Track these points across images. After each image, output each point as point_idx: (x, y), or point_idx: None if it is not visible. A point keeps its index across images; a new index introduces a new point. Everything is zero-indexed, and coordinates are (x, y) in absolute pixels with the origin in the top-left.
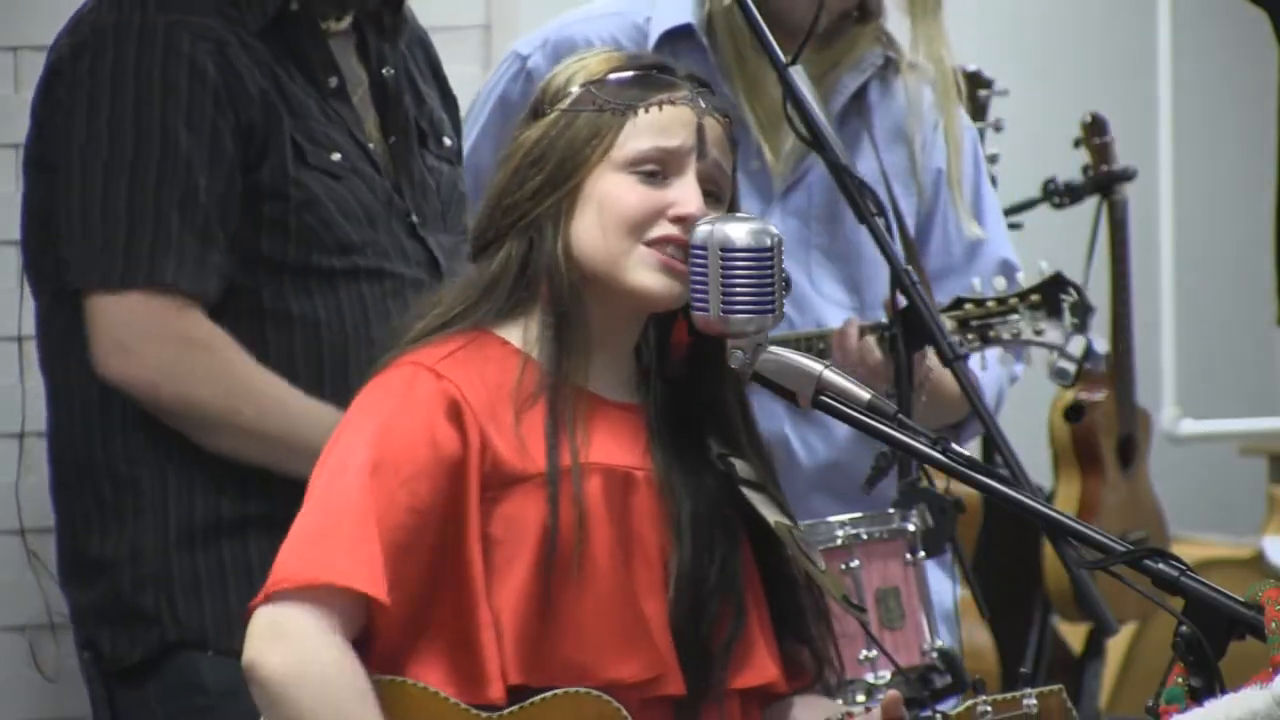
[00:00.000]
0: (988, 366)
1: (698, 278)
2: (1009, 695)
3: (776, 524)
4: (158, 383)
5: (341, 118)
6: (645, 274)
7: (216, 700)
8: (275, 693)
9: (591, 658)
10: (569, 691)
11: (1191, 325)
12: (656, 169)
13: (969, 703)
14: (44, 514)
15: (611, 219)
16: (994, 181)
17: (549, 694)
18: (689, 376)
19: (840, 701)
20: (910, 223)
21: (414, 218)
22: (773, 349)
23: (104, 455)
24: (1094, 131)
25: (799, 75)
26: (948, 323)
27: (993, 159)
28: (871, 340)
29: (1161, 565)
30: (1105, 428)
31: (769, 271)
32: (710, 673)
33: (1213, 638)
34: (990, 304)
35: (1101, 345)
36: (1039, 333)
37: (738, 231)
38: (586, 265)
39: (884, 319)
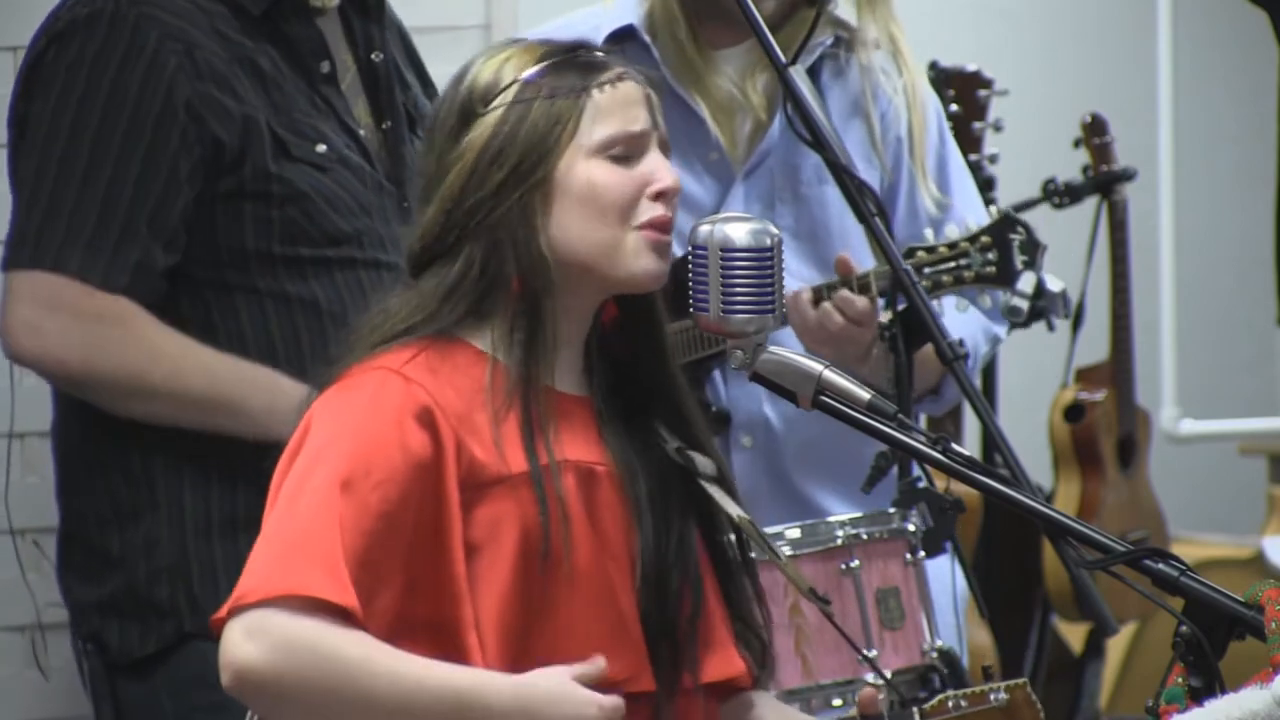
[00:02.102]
0: (967, 348)
1: (698, 278)
2: (978, 689)
3: (739, 518)
4: (63, 358)
5: (331, 106)
6: (642, 259)
7: (228, 695)
8: (277, 683)
9: (578, 657)
10: None
11: (1191, 325)
12: (625, 152)
13: (941, 696)
14: (41, 513)
15: (601, 207)
16: (994, 182)
17: None
18: (630, 361)
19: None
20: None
21: (407, 203)
22: (773, 349)
23: (116, 452)
24: (1094, 131)
25: (796, 74)
26: None
27: (993, 159)
28: (829, 305)
29: (1161, 565)
30: (1105, 428)
31: (769, 271)
32: (678, 661)
33: (1213, 638)
34: (941, 249)
35: (1056, 284)
36: (989, 274)
37: (738, 231)
38: (575, 257)
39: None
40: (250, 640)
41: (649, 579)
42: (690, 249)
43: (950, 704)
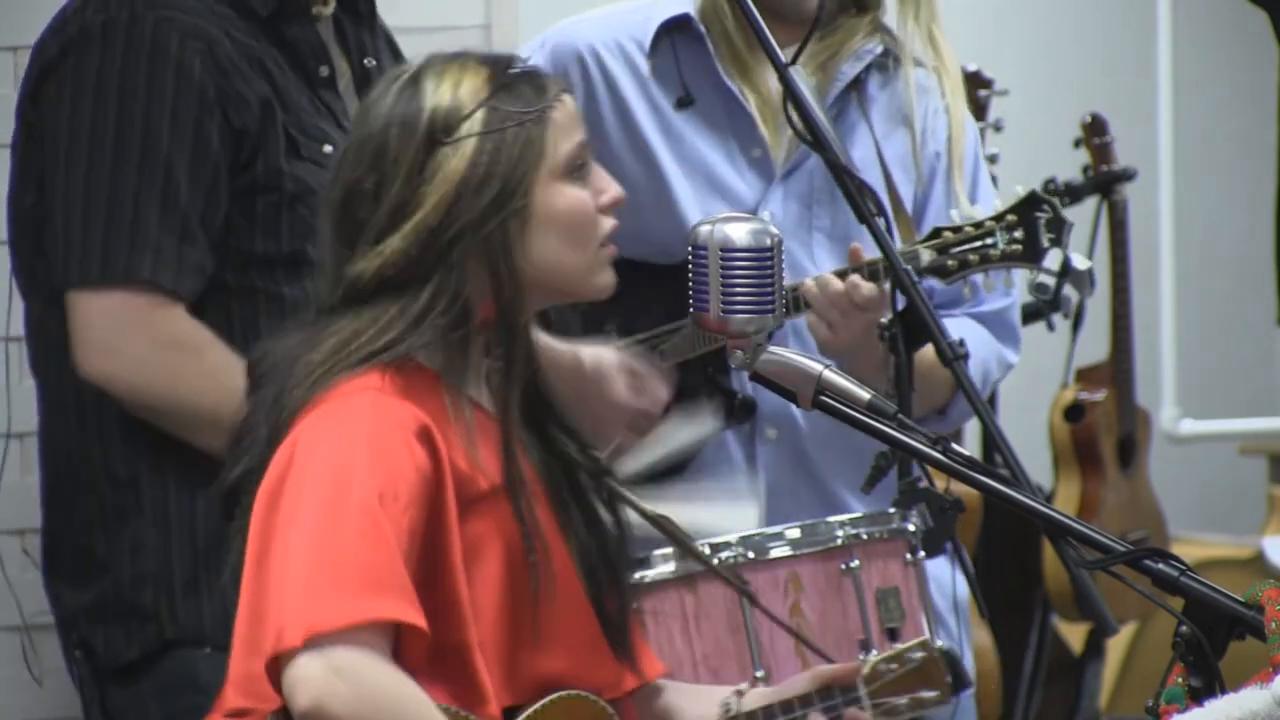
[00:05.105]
0: (970, 352)
1: (698, 277)
2: (898, 652)
3: (658, 516)
4: (142, 382)
5: (330, 109)
6: (604, 274)
7: (213, 697)
8: None
9: (566, 669)
10: (564, 695)
11: (1191, 325)
12: (580, 163)
13: (873, 660)
14: (38, 514)
15: (582, 232)
16: (994, 182)
17: (547, 700)
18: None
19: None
20: (908, 208)
21: None
22: (773, 349)
23: (102, 458)
24: (1094, 131)
25: (797, 74)
26: (925, 253)
27: (993, 159)
28: (856, 277)
29: (1161, 565)
30: (1105, 428)
31: (769, 271)
32: (628, 654)
33: (1213, 638)
34: (968, 229)
35: (1082, 262)
36: (1015, 251)
37: (738, 231)
38: (553, 280)
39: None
40: (342, 680)
41: (594, 573)
42: (690, 249)
43: (882, 668)
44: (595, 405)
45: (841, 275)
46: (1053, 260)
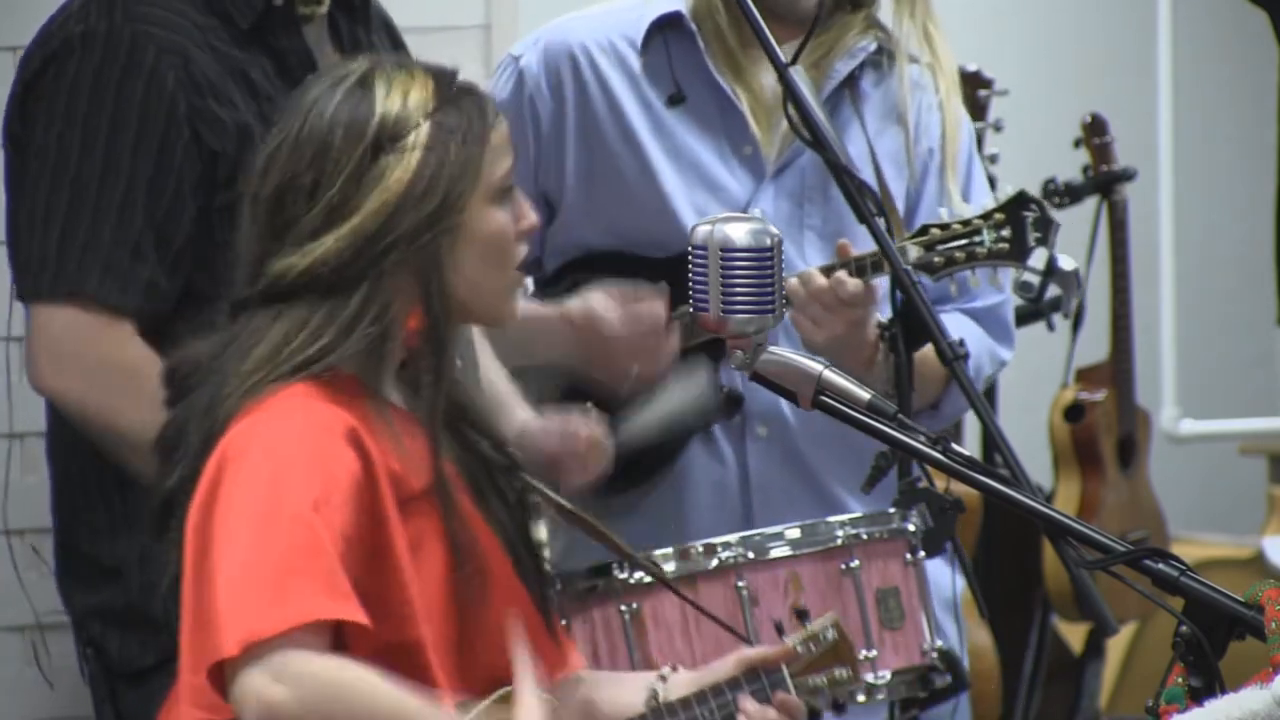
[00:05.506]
0: (968, 349)
1: (698, 278)
2: (812, 630)
3: (575, 510)
4: (82, 401)
5: None
6: (515, 302)
7: None
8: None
9: (510, 661)
10: (509, 690)
11: (1191, 325)
12: (509, 188)
13: (790, 642)
14: (42, 514)
15: (503, 255)
16: (994, 182)
17: (497, 695)
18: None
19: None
20: (900, 205)
21: None
22: (773, 349)
23: (112, 465)
24: (1094, 131)
25: (797, 74)
26: (913, 249)
27: (993, 159)
28: (842, 273)
29: (1161, 565)
30: (1105, 428)
31: (769, 271)
32: (558, 643)
33: (1213, 638)
34: (955, 226)
35: (1068, 262)
36: (1002, 250)
37: (737, 231)
38: (473, 301)
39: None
40: (280, 683)
41: (522, 561)
42: (690, 249)
43: (800, 650)
44: (598, 350)
45: (827, 271)
46: (1038, 259)
